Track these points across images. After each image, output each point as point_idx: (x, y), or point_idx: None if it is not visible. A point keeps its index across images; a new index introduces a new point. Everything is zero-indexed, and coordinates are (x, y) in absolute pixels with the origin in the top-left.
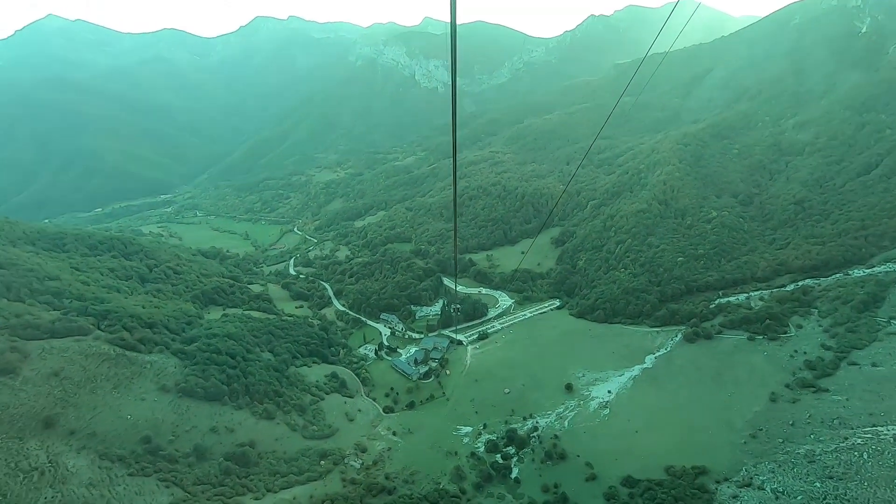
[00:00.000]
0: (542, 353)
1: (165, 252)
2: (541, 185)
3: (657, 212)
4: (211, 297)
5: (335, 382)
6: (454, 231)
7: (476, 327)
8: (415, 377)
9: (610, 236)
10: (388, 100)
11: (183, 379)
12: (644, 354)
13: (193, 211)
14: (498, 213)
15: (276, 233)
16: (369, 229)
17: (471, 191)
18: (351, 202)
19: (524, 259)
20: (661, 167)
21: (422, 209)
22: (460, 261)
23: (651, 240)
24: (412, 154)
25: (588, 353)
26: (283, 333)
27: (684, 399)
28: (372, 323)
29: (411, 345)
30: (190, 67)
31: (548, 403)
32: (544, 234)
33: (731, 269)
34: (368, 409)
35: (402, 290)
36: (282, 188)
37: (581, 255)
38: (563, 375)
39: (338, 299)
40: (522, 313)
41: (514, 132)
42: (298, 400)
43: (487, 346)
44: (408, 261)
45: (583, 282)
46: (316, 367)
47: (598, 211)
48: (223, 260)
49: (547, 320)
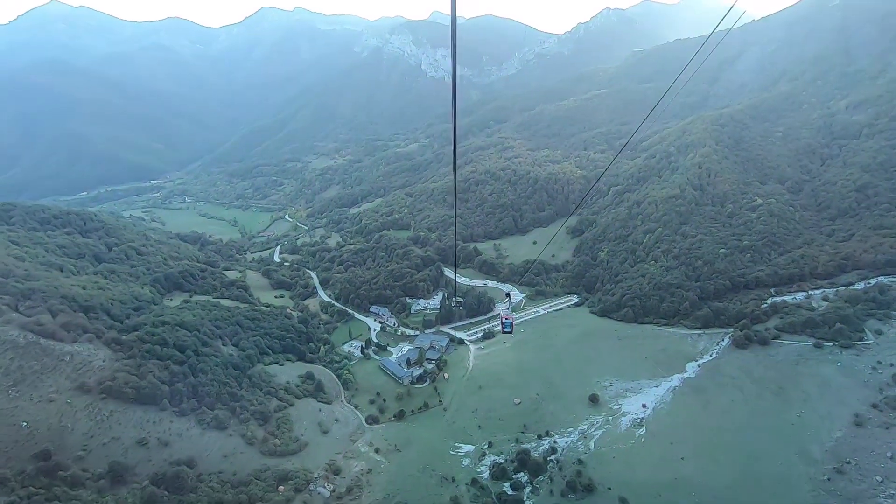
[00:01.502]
0: (559, 356)
1: (130, 231)
2: (556, 170)
3: (692, 198)
4: (176, 281)
5: (310, 384)
6: (454, 215)
7: (481, 324)
8: (406, 381)
9: (636, 225)
10: (392, 89)
11: (110, 376)
12: (684, 361)
13: (182, 197)
14: (507, 199)
15: (266, 220)
16: (364, 215)
17: (477, 175)
18: (347, 189)
19: (536, 249)
20: (694, 149)
21: (423, 195)
22: (464, 250)
23: (685, 229)
24: (415, 141)
25: (615, 357)
26: (253, 325)
27: (740, 418)
28: (360, 316)
29: (404, 342)
30: (192, 56)
31: (568, 418)
32: (559, 222)
33: (785, 263)
34: (348, 418)
35: (397, 279)
36: (275, 175)
37: (602, 245)
38: (586, 384)
39: (324, 289)
40: (535, 309)
41: (525, 119)
42: (260, 406)
43: (494, 346)
44: (404, 248)
45: (605, 275)
46: (289, 365)
47: (622, 198)
48: (203, 245)
49: (564, 318)
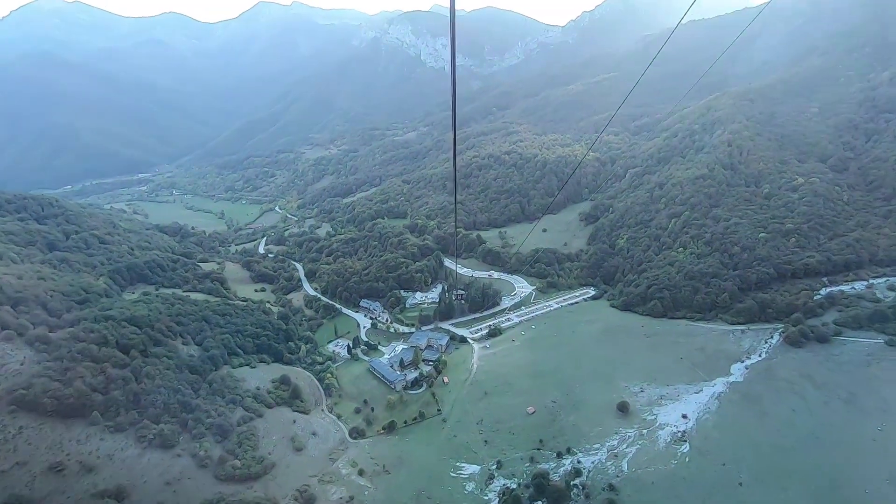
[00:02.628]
0: (577, 356)
1: (96, 219)
2: (566, 153)
3: (722, 178)
4: (140, 272)
5: (284, 391)
6: (454, 200)
7: (485, 320)
8: (399, 386)
9: (659, 209)
10: (391, 80)
11: (26, 382)
12: (728, 362)
13: (170, 190)
14: (513, 184)
15: (255, 212)
16: (358, 204)
17: (479, 160)
18: (342, 179)
19: (547, 238)
20: (722, 126)
21: (421, 181)
22: (465, 238)
23: (717, 212)
24: (413, 130)
25: (645, 358)
26: (223, 322)
27: (807, 433)
28: (348, 312)
29: (397, 341)
30: (187, 51)
31: (594, 432)
32: (571, 208)
33: (838, 248)
34: (328, 431)
35: (391, 270)
36: (267, 166)
37: (621, 232)
38: (613, 389)
39: (309, 282)
40: (546, 303)
41: (530, 105)
42: (220, 417)
43: (501, 344)
44: (399, 236)
45: (626, 265)
46: (262, 367)
47: (641, 180)
48: (184, 237)
49: (581, 313)
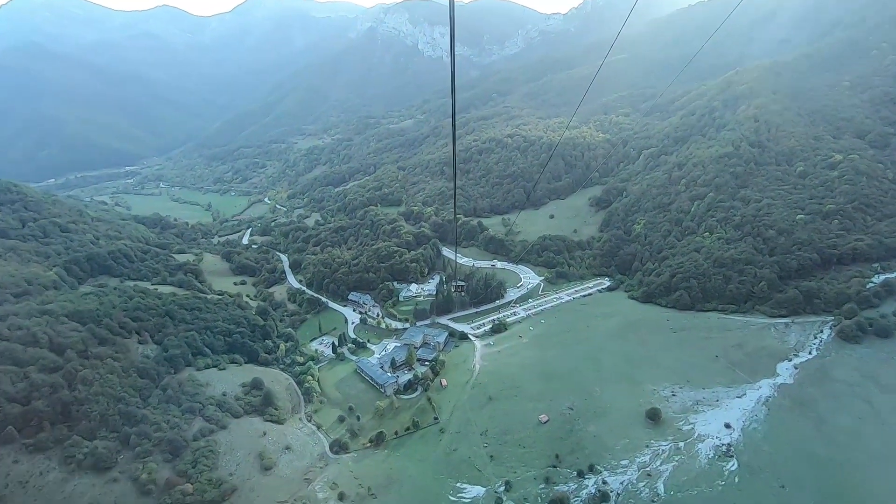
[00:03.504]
0: (596, 354)
1: (60, 207)
2: (574, 135)
3: (749, 156)
4: (103, 263)
5: (256, 396)
6: (454, 181)
7: (488, 314)
8: (390, 389)
9: (679, 191)
10: (387, 71)
11: None
12: (773, 361)
13: (157, 182)
14: (517, 168)
15: (243, 203)
16: (349, 192)
17: (480, 143)
18: (334, 168)
19: (555, 224)
20: (745, 101)
21: (417, 167)
22: (465, 226)
23: (745, 193)
24: (410, 118)
25: (673, 356)
26: (190, 317)
27: (878, 445)
28: (335, 306)
29: (389, 338)
30: (181, 45)
31: (620, 444)
32: (580, 193)
33: (889, 230)
34: (305, 445)
35: (383, 260)
36: (257, 157)
37: (637, 217)
38: (639, 393)
39: (294, 274)
40: (556, 295)
41: (532, 89)
42: (174, 430)
43: (507, 341)
44: (393, 224)
45: (645, 252)
46: (233, 369)
47: (657, 161)
48: (164, 228)
49: (596, 306)
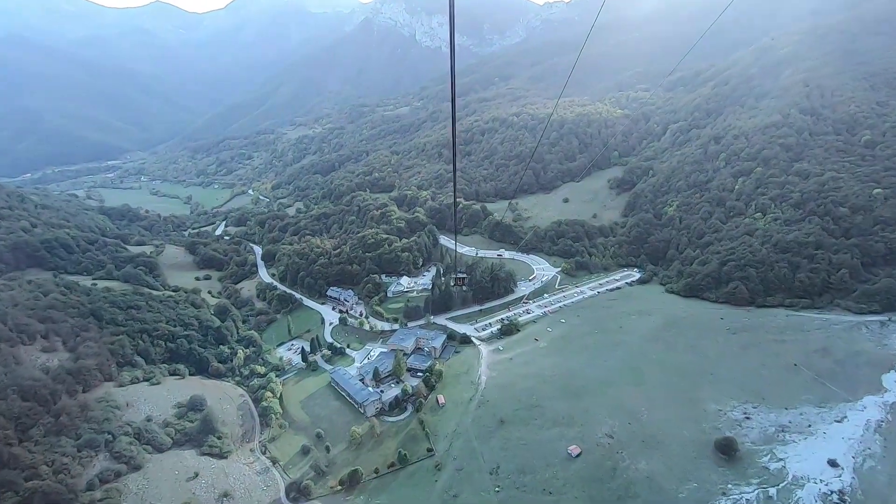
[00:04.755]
0: (634, 363)
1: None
2: (588, 111)
3: (802, 125)
4: (33, 254)
5: (192, 421)
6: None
7: (496, 312)
8: (371, 409)
9: (718, 167)
10: (384, 61)
11: None
12: (876, 371)
13: (138, 176)
14: (524, 148)
15: (226, 195)
16: (336, 178)
17: (482, 123)
18: (324, 157)
19: (569, 209)
20: (790, 65)
21: (412, 151)
22: (468, 210)
23: (801, 166)
24: (407, 105)
25: (736, 365)
26: (123, 318)
27: None
28: (311, 303)
29: (373, 342)
30: (174, 40)
31: (684, 491)
32: (597, 175)
33: None
34: (251, 490)
35: (369, 249)
36: (244, 148)
37: (668, 198)
38: (700, 416)
39: (267, 266)
40: (577, 289)
41: (538, 72)
42: (59, 477)
43: (520, 346)
44: (383, 209)
45: (682, 238)
46: (171, 384)
47: (687, 136)
48: (132, 220)
49: (627, 302)
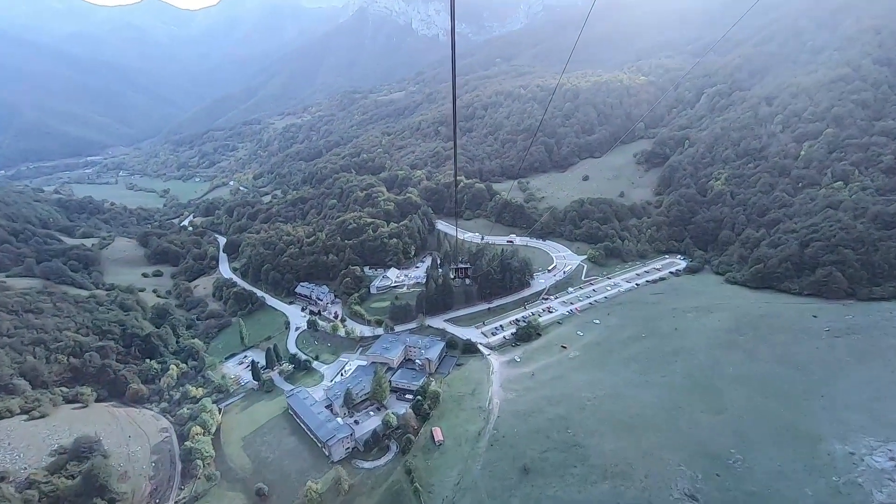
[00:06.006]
0: (707, 380)
1: None
2: (607, 80)
3: (879, 77)
4: None
5: (70, 478)
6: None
7: (508, 311)
8: (340, 451)
9: (774, 132)
10: (378, 51)
11: None
12: None
13: (117, 171)
14: (534, 121)
15: (206, 188)
16: (320, 162)
17: (485, 98)
18: (312, 144)
19: (589, 187)
20: (849, 13)
21: (406, 130)
22: (470, 190)
23: (884, 125)
24: (402, 90)
25: (859, 382)
26: (5, 328)
27: None
28: (276, 302)
29: (350, 352)
30: (165, 37)
31: None
32: (619, 150)
33: None
34: None
35: (350, 235)
36: (228, 139)
37: (713, 170)
38: (821, 461)
39: (231, 260)
40: (610, 281)
41: (542, 50)
42: None
43: (543, 355)
44: (368, 190)
45: (737, 216)
46: (61, 416)
47: (729, 100)
48: (92, 213)
49: (678, 297)
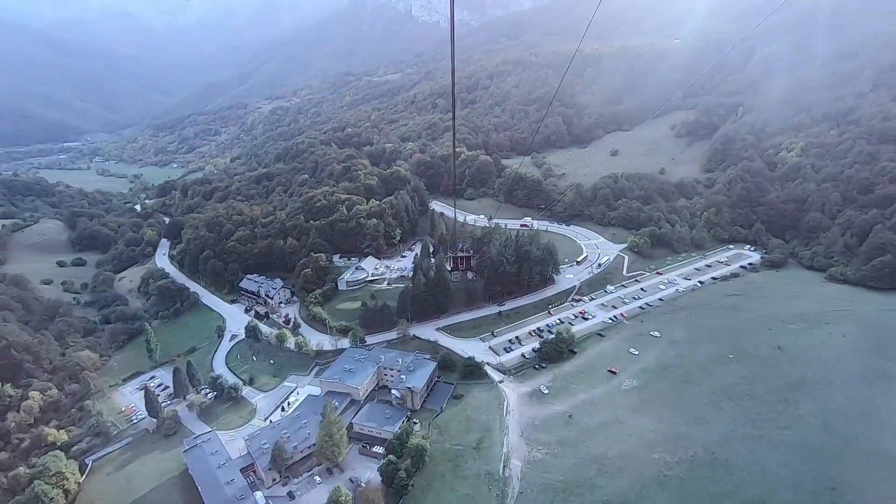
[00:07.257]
0: (851, 430)
1: None
2: (636, 44)
3: None
4: None
5: None
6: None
7: (526, 317)
8: None
9: (863, 91)
10: (376, 38)
11: None
12: None
13: (92, 157)
14: (549, 89)
15: (180, 173)
16: (299, 138)
17: (490, 67)
18: (299, 126)
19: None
20: None
21: (398, 105)
22: (473, 163)
23: None
24: (398, 72)
25: None
26: None
27: None
28: (216, 299)
29: (300, 373)
30: (159, 25)
31: None
32: (654, 122)
33: None
34: None
35: (317, 215)
36: (211, 122)
37: (782, 139)
38: None
39: (173, 246)
40: (662, 278)
41: (552, 27)
42: None
43: (583, 384)
44: (347, 162)
45: (828, 194)
46: None
47: (792, 60)
48: (40, 195)
49: (763, 299)
